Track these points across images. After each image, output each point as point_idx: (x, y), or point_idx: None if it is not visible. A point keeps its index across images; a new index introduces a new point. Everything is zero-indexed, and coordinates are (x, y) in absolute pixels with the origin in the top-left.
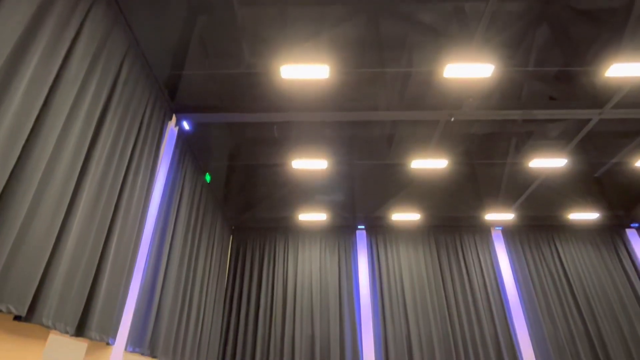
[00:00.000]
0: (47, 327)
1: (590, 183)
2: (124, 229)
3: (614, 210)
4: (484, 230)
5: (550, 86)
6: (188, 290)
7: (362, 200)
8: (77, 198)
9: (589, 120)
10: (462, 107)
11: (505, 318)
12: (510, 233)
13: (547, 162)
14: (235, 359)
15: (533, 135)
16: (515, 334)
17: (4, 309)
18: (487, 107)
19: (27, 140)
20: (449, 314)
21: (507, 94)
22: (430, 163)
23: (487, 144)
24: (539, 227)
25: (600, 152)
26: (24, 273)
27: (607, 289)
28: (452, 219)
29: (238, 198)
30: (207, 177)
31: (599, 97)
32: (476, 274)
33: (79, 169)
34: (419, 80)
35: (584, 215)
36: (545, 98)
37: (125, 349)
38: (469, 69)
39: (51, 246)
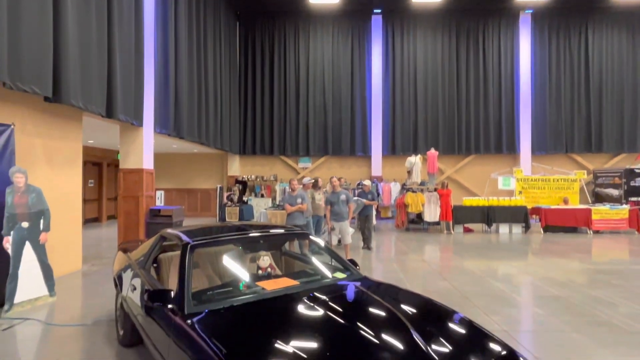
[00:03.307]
0: (79, 108)
1: None
2: (122, 13)
3: None
4: (512, 15)
5: None
6: (202, 78)
7: None
8: None
9: None
10: None
11: (513, 105)
12: (540, 16)
13: None
14: (255, 144)
15: None
16: (519, 120)
17: (29, 90)
18: None
19: None
20: (458, 100)
21: None
22: None
23: None
24: (574, 10)
25: None
26: (35, 58)
27: (625, 79)
28: (479, 1)
29: None
30: None
31: None
32: (493, 62)
33: None
34: None
35: None
36: None
37: (155, 131)
38: None
39: (51, 28)
